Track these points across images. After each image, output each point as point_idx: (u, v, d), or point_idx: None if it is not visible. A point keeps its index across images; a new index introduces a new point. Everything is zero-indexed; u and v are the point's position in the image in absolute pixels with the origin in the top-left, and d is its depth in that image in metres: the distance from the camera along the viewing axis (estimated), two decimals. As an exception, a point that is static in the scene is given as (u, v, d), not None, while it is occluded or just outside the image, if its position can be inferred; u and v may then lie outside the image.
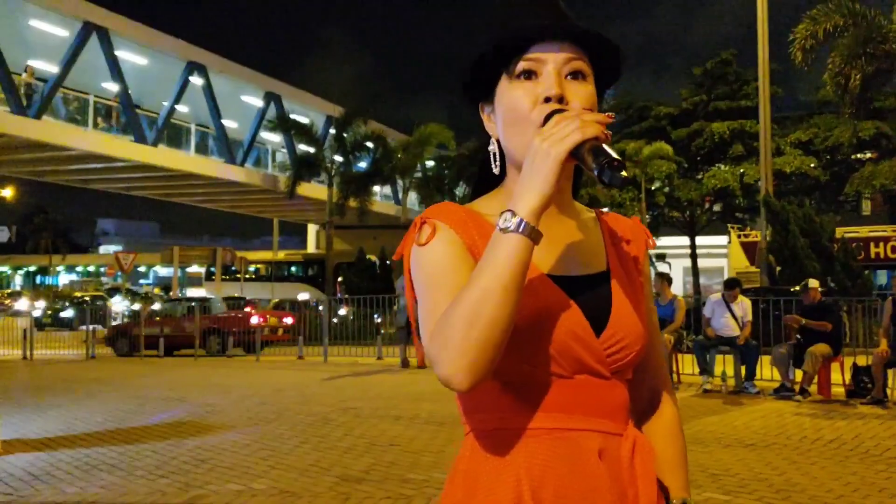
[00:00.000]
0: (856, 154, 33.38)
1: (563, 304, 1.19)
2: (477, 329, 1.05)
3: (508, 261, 1.07)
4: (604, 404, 1.22)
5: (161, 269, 68.93)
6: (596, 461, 1.19)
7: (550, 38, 1.23)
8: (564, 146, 1.08)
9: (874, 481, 5.38)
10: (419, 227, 1.22)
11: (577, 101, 1.21)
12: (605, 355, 1.21)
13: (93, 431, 7.82)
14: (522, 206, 1.09)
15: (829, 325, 9.42)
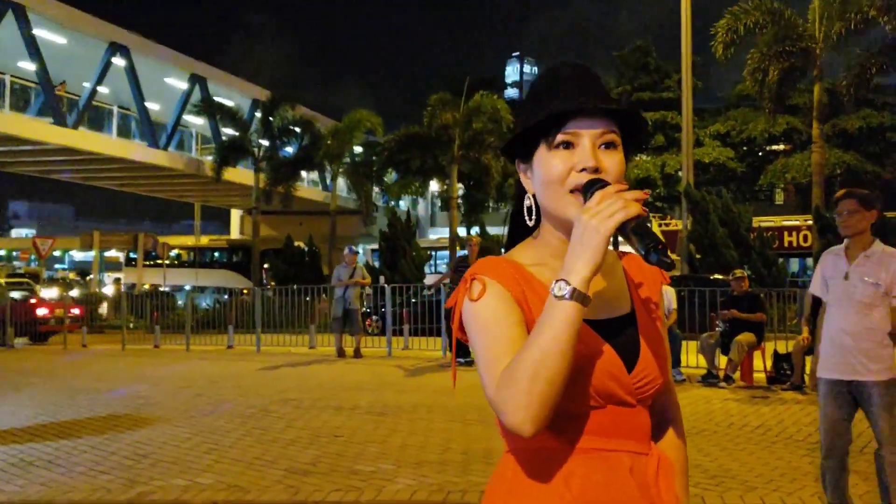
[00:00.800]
0: (770, 146, 34.68)
1: (600, 348, 1.36)
2: (539, 385, 1.21)
3: (564, 326, 1.23)
4: (632, 428, 1.39)
5: (77, 253, 66.89)
6: (628, 476, 1.35)
7: (587, 115, 1.38)
8: (611, 224, 1.24)
9: (799, 465, 5.71)
10: (470, 283, 1.37)
11: (610, 169, 1.38)
12: (634, 388, 1.38)
13: (24, 426, 7.62)
14: (575, 276, 1.24)
15: (763, 315, 9.88)
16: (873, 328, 4.22)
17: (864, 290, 4.25)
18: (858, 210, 4.34)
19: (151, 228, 74.25)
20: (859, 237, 4.35)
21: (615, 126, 1.41)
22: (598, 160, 1.37)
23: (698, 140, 31.92)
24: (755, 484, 5.24)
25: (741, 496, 4.95)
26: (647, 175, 32.57)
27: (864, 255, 4.32)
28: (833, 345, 4.37)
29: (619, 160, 1.40)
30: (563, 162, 1.38)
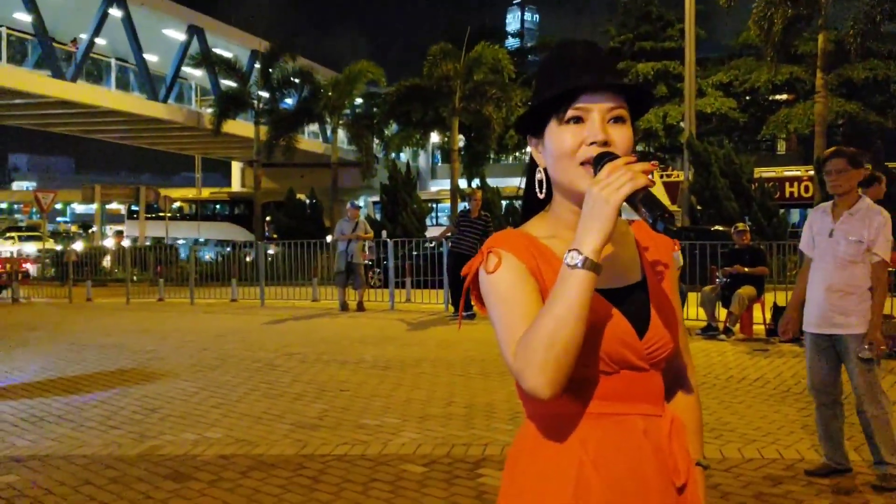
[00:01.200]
0: (773, 96, 34.38)
1: (611, 315, 1.42)
2: (554, 351, 1.28)
3: (577, 294, 1.29)
4: (645, 392, 1.46)
5: (79, 206, 66.92)
6: (641, 438, 1.43)
7: (596, 91, 1.43)
8: (620, 195, 1.30)
9: (797, 419, 5.81)
10: (486, 255, 1.43)
11: (619, 142, 1.43)
12: (646, 353, 1.44)
13: (34, 381, 7.75)
14: (586, 246, 1.30)
15: (765, 269, 9.93)
16: (854, 284, 4.34)
17: (847, 248, 4.36)
18: (846, 169, 4.41)
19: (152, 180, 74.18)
20: (847, 196, 4.43)
21: (623, 101, 1.46)
22: (607, 134, 1.42)
23: (700, 90, 31.64)
24: (753, 437, 5.35)
25: (739, 449, 5.06)
26: (649, 126, 32.38)
27: (847, 213, 4.41)
28: (815, 300, 4.48)
29: (627, 134, 1.45)
30: (574, 136, 1.43)
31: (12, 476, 4.85)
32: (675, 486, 1.46)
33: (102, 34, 28.78)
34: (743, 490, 4.32)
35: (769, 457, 4.90)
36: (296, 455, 5.13)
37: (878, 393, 4.33)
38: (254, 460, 5.04)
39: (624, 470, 1.41)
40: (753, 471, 4.65)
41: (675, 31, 32.50)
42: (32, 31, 26.34)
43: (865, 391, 4.32)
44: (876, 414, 4.30)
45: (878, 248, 4.29)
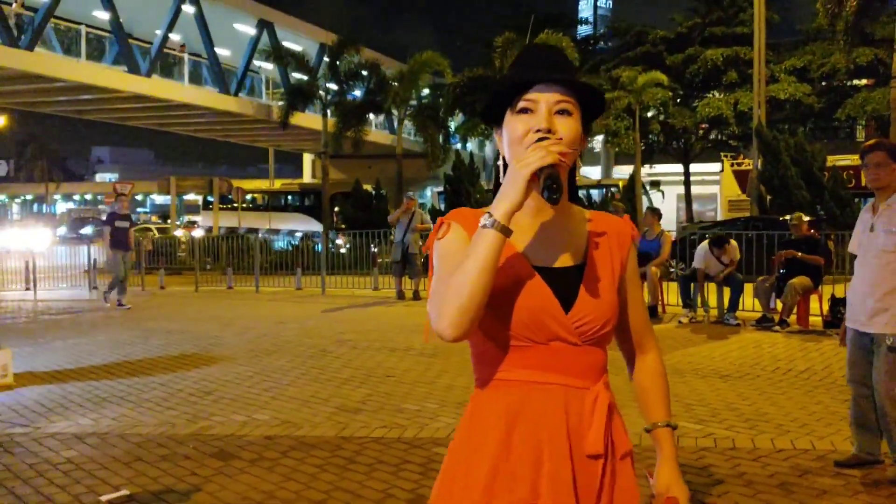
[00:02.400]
0: (851, 81, 33.23)
1: (539, 287, 1.57)
2: (459, 299, 1.46)
3: (484, 249, 1.46)
4: (573, 365, 1.59)
5: (157, 197, 69.04)
6: (559, 407, 1.57)
7: (544, 84, 1.59)
8: (529, 169, 1.47)
9: (836, 410, 5.74)
10: (440, 226, 1.64)
11: (563, 132, 1.58)
12: (574, 328, 1.57)
13: (100, 364, 8.14)
14: (497, 211, 1.48)
15: (821, 259, 9.69)
16: (889, 278, 4.22)
17: (886, 240, 4.26)
18: (887, 162, 4.31)
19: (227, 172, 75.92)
20: (886, 189, 4.33)
21: (572, 96, 1.60)
22: (551, 123, 1.57)
23: (773, 76, 30.81)
24: (789, 427, 5.32)
25: (772, 439, 5.05)
26: (719, 113, 31.68)
27: (885, 205, 4.32)
28: (854, 295, 4.42)
29: (571, 124, 1.59)
30: (524, 125, 1.59)
31: (73, 451, 5.17)
32: (589, 454, 1.57)
33: (176, 30, 29.63)
34: (769, 479, 4.33)
35: (801, 447, 4.88)
36: (335, 437, 5.33)
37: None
38: (295, 441, 5.26)
39: (543, 434, 1.55)
40: (783, 461, 4.64)
41: (748, 15, 31.66)
42: (110, 28, 27.29)
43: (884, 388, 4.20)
44: (890, 412, 4.21)
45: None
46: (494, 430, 1.57)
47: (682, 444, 5.00)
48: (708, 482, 4.31)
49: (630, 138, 30.78)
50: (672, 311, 11.12)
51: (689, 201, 36.74)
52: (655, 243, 10.98)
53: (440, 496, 1.63)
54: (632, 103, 29.18)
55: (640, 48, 34.99)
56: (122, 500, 4.29)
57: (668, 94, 30.73)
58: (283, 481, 4.50)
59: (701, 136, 35.81)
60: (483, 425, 1.60)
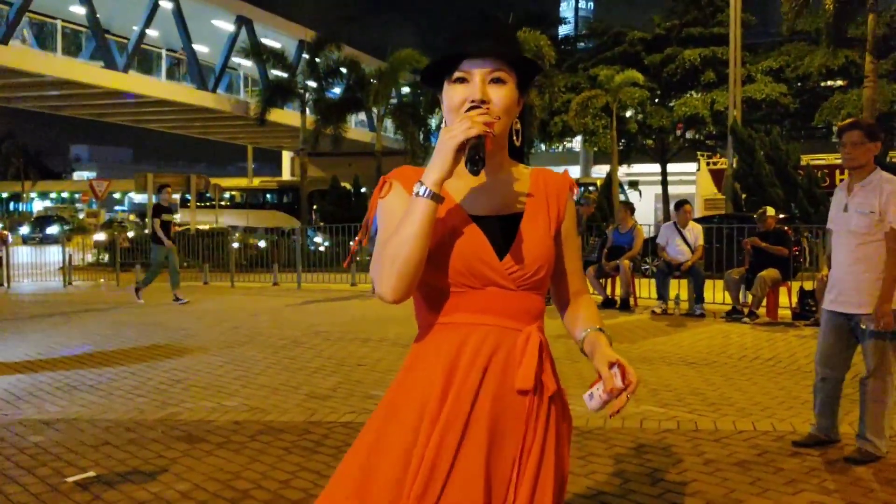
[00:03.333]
0: (826, 82, 33.59)
1: (474, 235, 1.66)
2: (396, 265, 1.57)
3: (418, 217, 1.57)
4: (508, 308, 1.67)
5: (136, 195, 68.47)
6: (493, 345, 1.66)
7: (477, 56, 1.67)
8: (456, 140, 1.56)
9: (799, 395, 5.84)
10: (382, 184, 1.72)
11: (497, 99, 1.67)
12: (507, 273, 1.66)
13: (72, 355, 8.11)
14: (428, 179, 1.58)
15: (785, 249, 9.84)
16: (866, 259, 4.25)
17: (859, 222, 4.28)
18: (863, 142, 4.34)
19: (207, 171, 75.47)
20: (862, 169, 4.37)
21: (505, 65, 1.68)
22: (484, 93, 1.66)
23: (750, 76, 31.08)
24: (751, 411, 5.42)
25: (734, 422, 5.14)
26: (696, 112, 31.92)
27: (859, 186, 4.35)
28: (833, 277, 4.45)
29: (504, 93, 1.68)
30: (459, 94, 1.68)
31: (40, 436, 5.16)
32: (518, 389, 1.65)
33: (153, 26, 29.49)
34: (727, 458, 4.42)
35: (762, 429, 4.97)
36: (303, 422, 5.36)
37: (887, 373, 4.28)
38: (263, 426, 5.28)
39: (478, 369, 1.64)
40: (743, 441, 4.73)
41: (725, 16, 31.91)
42: (86, 23, 27.12)
43: (876, 367, 4.27)
44: (875, 388, 4.29)
45: (889, 216, 4.17)
46: (435, 368, 1.65)
47: (646, 426, 5.08)
48: (668, 462, 4.39)
49: (607, 137, 30.94)
50: (644, 304, 11.23)
51: (667, 201, 36.97)
52: (628, 236, 11.09)
53: (374, 430, 1.70)
54: (609, 102, 29.34)
55: (618, 48, 35.19)
56: (88, 481, 4.30)
57: (645, 93, 30.92)
58: (250, 463, 4.53)
59: (678, 135, 36.07)
60: (426, 358, 1.69)
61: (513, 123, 1.75)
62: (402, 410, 1.66)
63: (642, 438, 4.82)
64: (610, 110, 29.89)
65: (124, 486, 4.20)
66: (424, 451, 1.60)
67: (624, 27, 36.41)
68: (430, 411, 1.62)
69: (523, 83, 1.74)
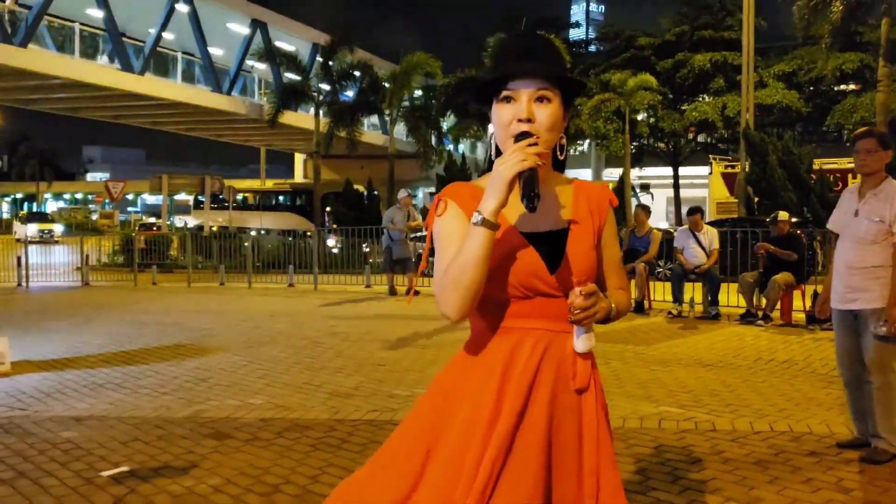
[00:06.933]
0: (839, 86, 33.55)
1: (528, 254, 1.79)
2: (459, 290, 1.70)
3: (477, 245, 1.68)
4: (557, 314, 1.79)
5: (149, 196, 68.94)
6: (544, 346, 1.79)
7: (524, 76, 1.79)
8: (511, 173, 1.68)
9: (815, 396, 5.94)
10: (437, 203, 1.84)
11: (542, 118, 1.78)
12: (557, 285, 1.79)
13: (96, 354, 8.24)
14: (485, 209, 1.69)
15: (794, 254, 9.92)
16: (873, 262, 4.42)
17: (868, 228, 4.44)
18: (876, 150, 4.51)
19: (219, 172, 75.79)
20: (873, 176, 4.52)
21: (550, 84, 1.80)
22: (530, 112, 1.78)
23: (761, 81, 31.09)
24: (767, 412, 5.50)
25: (751, 422, 5.23)
26: (706, 117, 31.97)
27: (871, 193, 4.49)
28: (839, 277, 4.60)
29: (550, 112, 1.79)
30: (507, 113, 1.80)
31: (71, 432, 5.30)
32: (573, 388, 1.80)
33: (169, 28, 29.73)
34: (746, 458, 4.51)
35: (779, 430, 5.06)
36: (328, 419, 5.48)
37: (889, 370, 4.42)
38: (289, 423, 5.40)
39: (532, 368, 1.77)
40: (760, 441, 4.82)
41: (736, 20, 31.96)
42: (103, 26, 27.38)
43: (876, 365, 4.42)
44: (880, 387, 4.41)
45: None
46: (492, 369, 1.78)
47: (664, 426, 5.17)
48: (687, 460, 4.49)
49: (619, 141, 31.00)
50: (658, 307, 11.31)
51: (679, 204, 37.00)
52: (645, 240, 11.20)
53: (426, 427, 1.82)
54: (621, 106, 29.41)
55: (629, 52, 35.27)
56: (122, 476, 4.43)
57: (657, 97, 30.99)
58: (278, 458, 4.65)
59: (689, 139, 36.09)
60: (480, 365, 1.80)
61: (558, 139, 1.86)
62: (456, 414, 1.78)
63: (661, 438, 4.92)
64: (621, 114, 29.96)
65: (158, 481, 4.32)
66: (485, 447, 1.71)
67: (635, 31, 36.48)
68: (487, 410, 1.74)
69: (568, 100, 1.86)
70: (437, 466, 1.75)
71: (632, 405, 5.69)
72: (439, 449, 1.77)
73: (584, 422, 1.79)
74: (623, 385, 6.34)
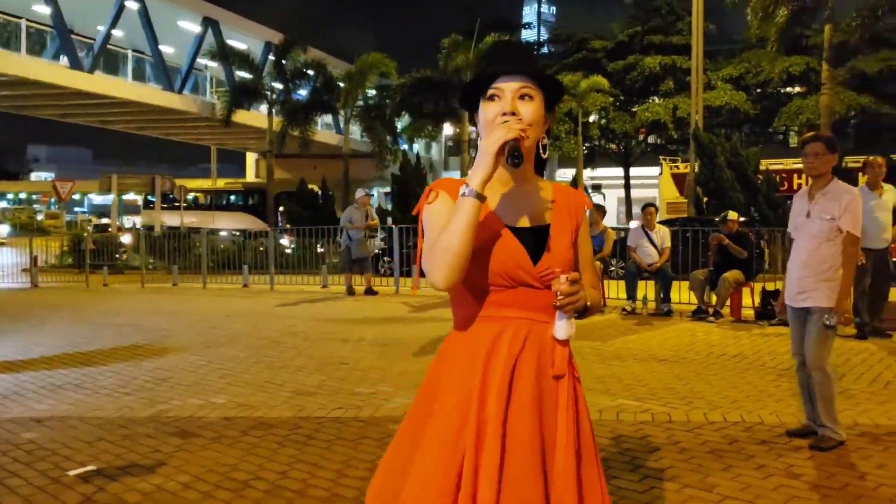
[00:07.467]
0: (784, 89, 34.41)
1: (513, 244, 1.92)
2: (447, 256, 1.80)
3: (464, 214, 1.80)
4: (536, 304, 1.93)
5: (96, 196, 67.67)
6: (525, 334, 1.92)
7: (508, 74, 1.94)
8: (495, 145, 1.82)
9: (765, 388, 6.17)
10: (429, 193, 1.97)
11: (525, 113, 1.93)
12: (539, 276, 1.92)
13: (52, 355, 8.15)
14: (473, 181, 1.82)
15: (744, 251, 10.22)
16: (825, 261, 4.66)
17: (821, 227, 4.69)
18: (824, 153, 4.75)
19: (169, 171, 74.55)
20: (822, 178, 4.77)
21: (532, 83, 1.94)
22: (514, 107, 1.92)
23: (710, 83, 31.76)
24: (720, 404, 5.71)
25: (705, 414, 5.43)
26: (658, 118, 32.53)
27: (820, 194, 4.74)
28: (792, 276, 4.83)
29: (532, 108, 1.94)
30: (493, 110, 1.94)
31: (33, 433, 5.26)
32: (552, 374, 1.92)
33: (119, 26, 29.27)
34: (701, 447, 4.69)
35: (731, 420, 5.27)
36: (293, 417, 5.53)
37: (824, 363, 4.65)
38: (254, 421, 5.44)
39: (514, 354, 1.89)
40: (714, 431, 5.01)
41: (685, 24, 32.62)
42: (51, 22, 26.85)
43: (815, 358, 4.66)
44: (820, 380, 4.65)
45: (844, 224, 4.60)
46: (477, 354, 1.89)
47: (622, 418, 5.34)
48: (645, 450, 4.65)
49: (572, 142, 31.38)
50: (613, 304, 11.55)
51: (630, 204, 37.58)
52: (600, 239, 11.42)
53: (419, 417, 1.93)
54: (573, 108, 29.78)
55: (581, 54, 35.71)
56: (89, 475, 4.43)
57: (608, 99, 31.45)
58: (246, 455, 4.69)
59: (640, 140, 36.69)
60: (467, 344, 1.92)
61: (540, 138, 1.99)
62: (446, 397, 1.89)
63: (620, 430, 5.08)
64: (573, 115, 30.33)
65: (126, 479, 4.34)
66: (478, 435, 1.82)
67: (587, 33, 36.97)
68: (475, 396, 1.85)
69: (550, 103, 2.00)
70: (430, 448, 1.85)
71: (591, 398, 5.81)
72: (430, 432, 1.87)
73: (560, 406, 1.91)
74: (582, 380, 6.49)
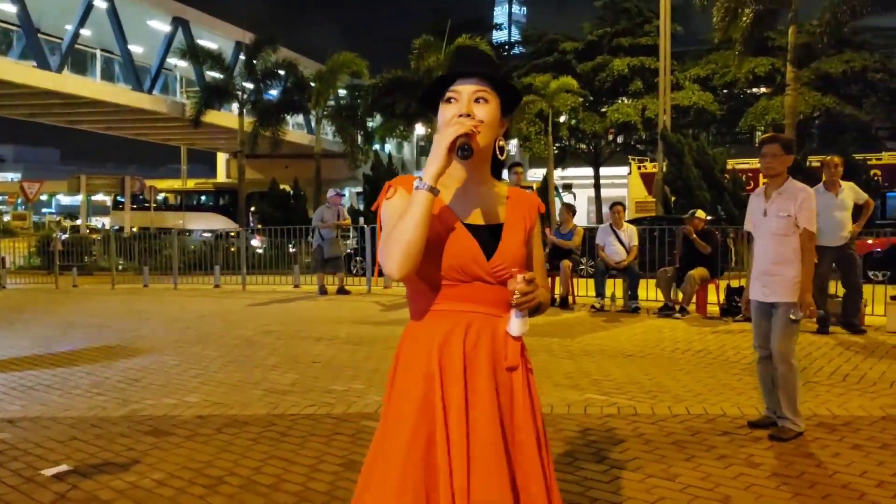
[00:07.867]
0: (751, 89, 34.91)
1: (467, 240, 2.00)
2: (400, 245, 1.88)
3: (418, 206, 1.88)
4: (489, 299, 2.02)
5: (64, 197, 66.89)
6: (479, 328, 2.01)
7: (465, 78, 2.04)
8: (447, 140, 1.91)
9: (728, 382, 6.34)
10: (387, 189, 2.06)
11: (481, 115, 2.02)
12: (492, 271, 2.01)
13: (22, 356, 8.13)
14: (426, 174, 1.91)
15: (709, 247, 10.44)
16: (786, 257, 4.86)
17: (778, 224, 4.89)
18: (780, 154, 4.96)
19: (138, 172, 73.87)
20: (778, 177, 4.96)
21: (488, 87, 2.03)
22: (470, 109, 2.01)
23: (678, 83, 32.16)
24: (685, 397, 5.87)
25: (669, 407, 5.58)
26: (628, 119, 32.87)
27: (777, 193, 4.94)
28: (756, 272, 5.02)
29: (487, 111, 2.02)
30: (450, 111, 2.03)
31: (5, 434, 5.28)
32: (504, 366, 2.01)
33: (87, 25, 29.00)
34: (665, 438, 4.83)
35: (695, 413, 5.42)
36: (267, 415, 5.60)
37: (791, 356, 4.85)
38: (228, 419, 5.50)
39: (468, 347, 1.98)
40: (678, 424, 5.16)
41: (653, 26, 32.99)
42: (17, 21, 26.54)
43: (780, 356, 4.84)
44: (785, 373, 4.83)
45: (801, 220, 4.82)
46: (431, 349, 1.98)
47: (589, 412, 5.48)
48: (611, 442, 4.79)
49: (542, 142, 31.61)
50: (582, 302, 11.71)
51: (599, 203, 37.92)
52: (570, 236, 11.62)
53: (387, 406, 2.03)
54: (544, 108, 30.00)
55: (550, 56, 35.98)
56: (63, 474, 4.47)
57: (578, 99, 31.72)
58: (220, 453, 4.75)
59: (610, 140, 37.04)
60: (419, 340, 2.01)
61: (496, 140, 2.09)
62: (409, 391, 1.98)
63: (587, 423, 5.21)
64: (544, 116, 30.55)
65: (100, 477, 4.39)
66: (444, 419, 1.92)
67: (557, 34, 37.24)
68: (435, 381, 1.95)
69: (507, 107, 2.09)
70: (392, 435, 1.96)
71: (559, 393, 5.98)
72: (390, 418, 1.98)
73: (515, 397, 2.01)
74: (551, 375, 6.63)
